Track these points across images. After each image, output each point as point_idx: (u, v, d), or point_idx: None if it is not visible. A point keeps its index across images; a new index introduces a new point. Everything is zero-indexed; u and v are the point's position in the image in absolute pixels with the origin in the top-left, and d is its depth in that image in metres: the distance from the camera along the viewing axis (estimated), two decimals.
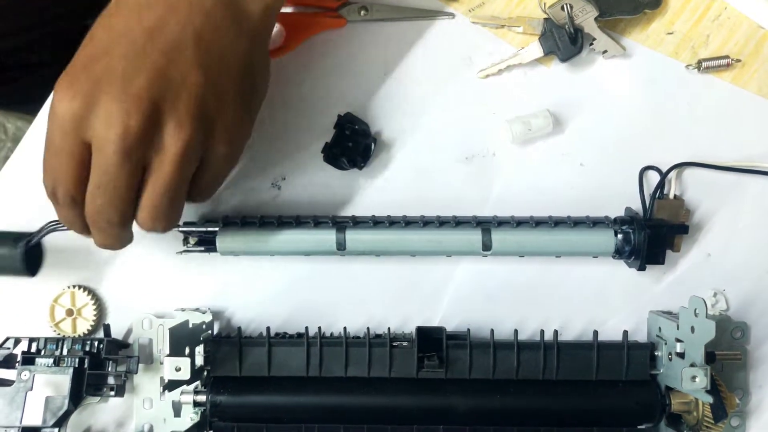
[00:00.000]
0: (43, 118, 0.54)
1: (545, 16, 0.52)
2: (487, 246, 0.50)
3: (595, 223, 0.51)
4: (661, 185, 0.53)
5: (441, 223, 0.51)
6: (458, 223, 0.51)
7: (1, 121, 1.21)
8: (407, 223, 0.51)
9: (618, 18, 0.53)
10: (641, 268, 0.50)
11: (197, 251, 0.51)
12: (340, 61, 0.54)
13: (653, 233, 0.50)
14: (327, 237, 0.50)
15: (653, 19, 0.54)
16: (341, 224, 0.50)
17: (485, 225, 0.50)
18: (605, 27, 0.53)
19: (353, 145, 0.52)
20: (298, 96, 0.54)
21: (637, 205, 0.53)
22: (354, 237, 0.50)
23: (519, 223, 0.51)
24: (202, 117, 0.40)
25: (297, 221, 0.51)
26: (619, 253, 0.51)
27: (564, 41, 0.52)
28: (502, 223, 0.51)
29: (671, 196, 0.53)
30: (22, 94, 0.75)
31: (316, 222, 0.51)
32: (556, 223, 0.51)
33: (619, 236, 0.50)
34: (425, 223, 0.51)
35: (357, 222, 0.51)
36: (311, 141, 0.53)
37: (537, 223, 0.51)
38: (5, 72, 0.73)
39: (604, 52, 0.53)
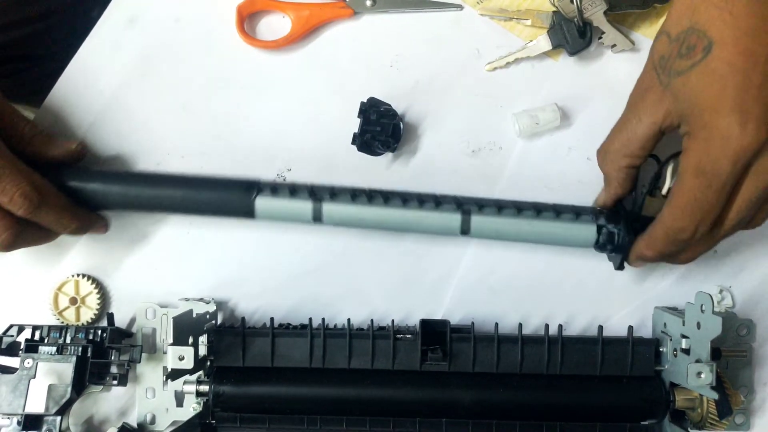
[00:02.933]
0: (47, 109, 0.53)
1: (554, 9, 0.52)
2: (465, 230, 0.49)
3: (578, 214, 0.49)
4: (657, 176, 0.50)
5: (421, 201, 0.49)
6: (439, 203, 0.49)
7: None
8: (386, 198, 0.49)
9: (627, 12, 0.52)
10: (619, 267, 0.50)
11: None
12: (347, 53, 0.54)
13: (636, 232, 0.48)
14: (302, 206, 0.49)
15: (662, 14, 0.53)
16: (318, 195, 0.49)
17: (466, 207, 0.49)
18: (614, 21, 0.52)
19: (381, 128, 0.51)
20: (314, 89, 0.54)
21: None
22: (331, 209, 0.49)
23: (501, 208, 0.49)
24: None
25: (273, 189, 0.49)
26: (600, 248, 0.49)
27: (573, 35, 0.52)
28: (483, 207, 0.49)
29: (664, 191, 0.50)
30: (27, 86, 0.75)
31: (292, 190, 0.49)
32: (539, 211, 0.49)
33: (603, 231, 0.49)
34: (405, 200, 0.49)
35: (335, 194, 0.49)
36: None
37: (519, 209, 0.49)
38: (11, 64, 0.72)
39: (613, 46, 0.53)
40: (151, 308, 0.53)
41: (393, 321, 0.51)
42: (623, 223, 0.48)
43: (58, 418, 0.48)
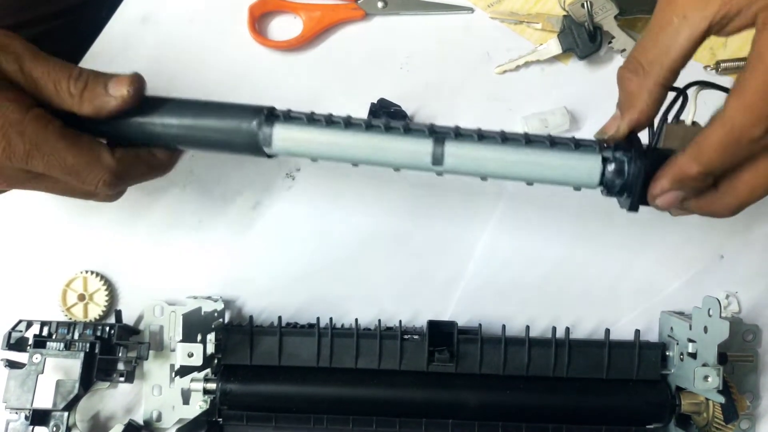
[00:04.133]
0: None
1: (564, 13, 0.53)
2: (437, 160, 0.40)
3: (579, 145, 0.40)
4: (677, 101, 0.41)
5: (388, 128, 0.41)
6: (408, 129, 0.41)
7: None
8: (348, 124, 0.41)
9: (637, 17, 0.53)
10: (632, 208, 0.40)
11: None
12: (358, 54, 0.54)
13: (654, 164, 0.38)
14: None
15: None
16: (270, 118, 0.41)
17: (439, 135, 0.40)
18: (624, 26, 0.53)
19: None
20: (324, 89, 0.54)
21: None
22: (283, 134, 0.41)
23: (482, 136, 0.40)
24: None
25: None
26: (607, 188, 0.40)
27: (583, 39, 0.52)
28: (460, 134, 0.40)
29: (689, 121, 0.42)
30: None
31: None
32: (529, 141, 0.40)
33: (610, 166, 0.39)
34: (369, 126, 0.41)
35: (290, 117, 0.41)
36: None
37: (505, 139, 0.40)
38: None
39: (623, 50, 0.53)
40: (158, 306, 0.53)
41: (400, 321, 0.51)
42: (634, 152, 0.39)
43: (66, 414, 0.48)
